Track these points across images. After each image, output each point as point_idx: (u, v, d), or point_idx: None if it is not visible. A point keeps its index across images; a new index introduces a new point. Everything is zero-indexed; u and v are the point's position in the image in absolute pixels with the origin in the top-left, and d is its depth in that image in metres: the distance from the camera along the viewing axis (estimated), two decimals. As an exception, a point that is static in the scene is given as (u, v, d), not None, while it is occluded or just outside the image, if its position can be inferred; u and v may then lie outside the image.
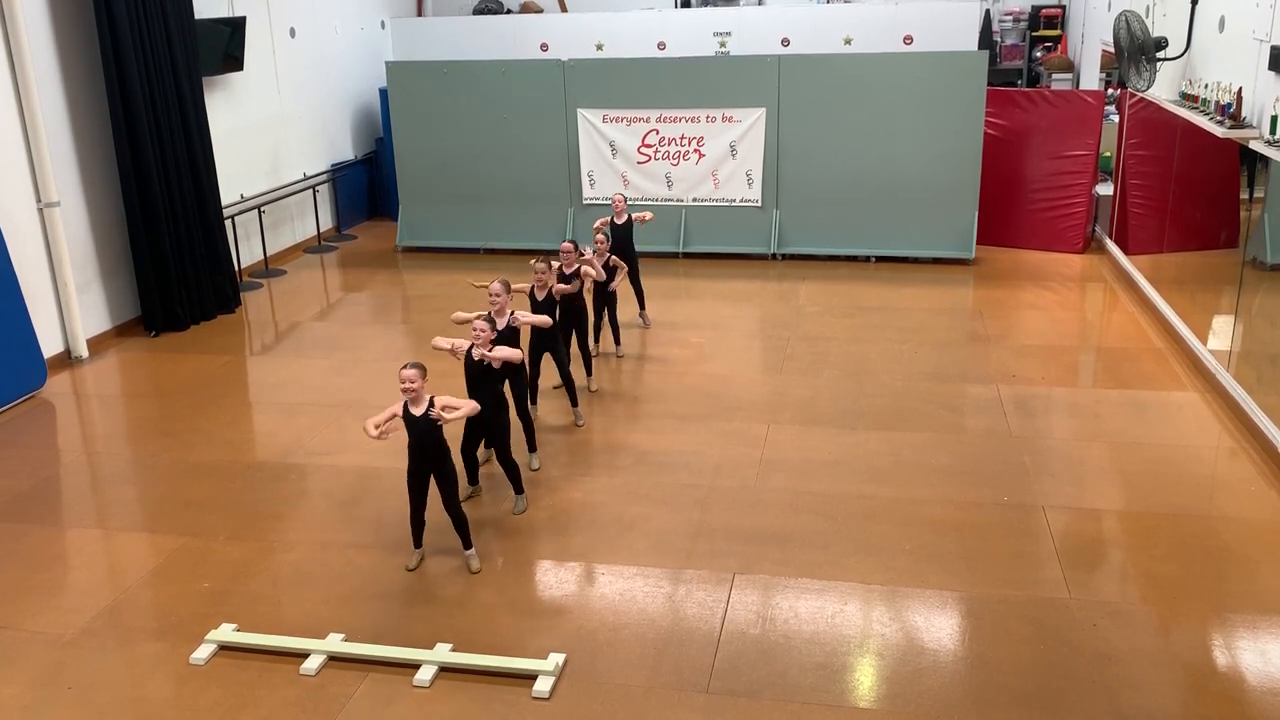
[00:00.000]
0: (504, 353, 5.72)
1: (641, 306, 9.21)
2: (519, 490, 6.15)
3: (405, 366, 5.15)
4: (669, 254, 11.50)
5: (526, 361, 6.92)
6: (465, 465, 6.13)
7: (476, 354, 5.68)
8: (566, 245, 7.40)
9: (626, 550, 5.71)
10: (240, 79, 11.06)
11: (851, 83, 10.83)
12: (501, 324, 6.28)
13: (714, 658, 4.80)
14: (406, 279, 11.18)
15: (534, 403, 7.41)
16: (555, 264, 7.25)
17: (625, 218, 8.72)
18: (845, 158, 11.01)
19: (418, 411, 5.19)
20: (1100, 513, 5.96)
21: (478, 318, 5.81)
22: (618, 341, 8.61)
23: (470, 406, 5.26)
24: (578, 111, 11.45)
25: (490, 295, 6.26)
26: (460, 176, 11.91)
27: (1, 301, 7.95)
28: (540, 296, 6.92)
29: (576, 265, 7.38)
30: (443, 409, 5.17)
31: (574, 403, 7.34)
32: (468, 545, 5.55)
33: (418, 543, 5.58)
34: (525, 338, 6.67)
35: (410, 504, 5.48)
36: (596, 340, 8.55)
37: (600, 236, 8.19)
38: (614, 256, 8.20)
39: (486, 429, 5.96)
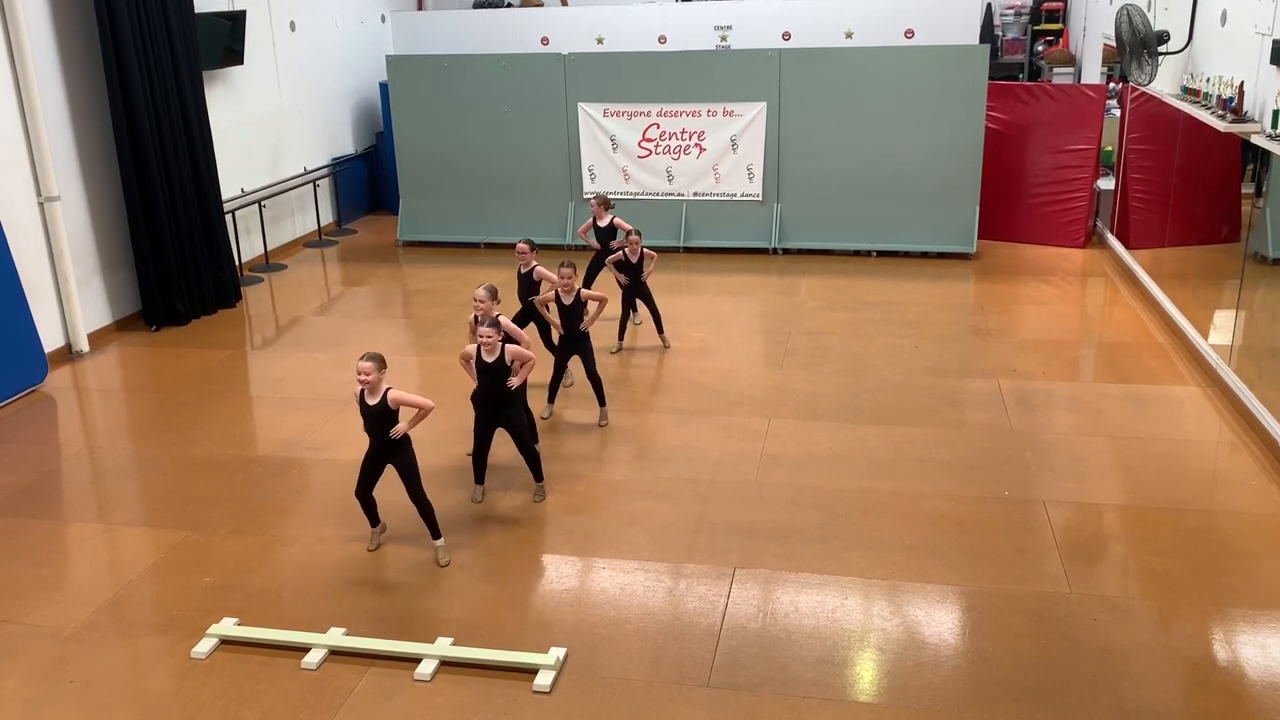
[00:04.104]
0: (515, 351, 5.85)
1: (635, 310, 9.18)
2: (539, 478, 6.22)
3: (362, 358, 5.22)
4: (670, 248, 11.49)
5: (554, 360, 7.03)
6: (475, 466, 6.18)
7: (513, 383, 5.82)
8: (565, 272, 7.25)
9: (627, 545, 5.71)
10: (240, 73, 11.04)
11: (853, 77, 10.81)
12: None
13: (714, 652, 4.80)
14: (407, 273, 11.17)
15: (551, 401, 7.39)
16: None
17: (607, 220, 8.69)
18: (846, 152, 11.00)
19: (373, 401, 5.27)
20: (1101, 507, 5.96)
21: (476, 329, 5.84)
22: (621, 337, 8.64)
23: (425, 403, 5.32)
24: (578, 106, 11.44)
25: (475, 301, 6.15)
26: (461, 171, 11.90)
27: (2, 296, 7.95)
28: (568, 301, 6.91)
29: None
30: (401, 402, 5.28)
31: (601, 402, 7.25)
32: (436, 535, 5.58)
33: (374, 522, 5.69)
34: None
35: (358, 482, 5.53)
36: (619, 337, 8.62)
37: (617, 240, 8.29)
38: (647, 249, 8.30)
39: (500, 424, 6.00)
